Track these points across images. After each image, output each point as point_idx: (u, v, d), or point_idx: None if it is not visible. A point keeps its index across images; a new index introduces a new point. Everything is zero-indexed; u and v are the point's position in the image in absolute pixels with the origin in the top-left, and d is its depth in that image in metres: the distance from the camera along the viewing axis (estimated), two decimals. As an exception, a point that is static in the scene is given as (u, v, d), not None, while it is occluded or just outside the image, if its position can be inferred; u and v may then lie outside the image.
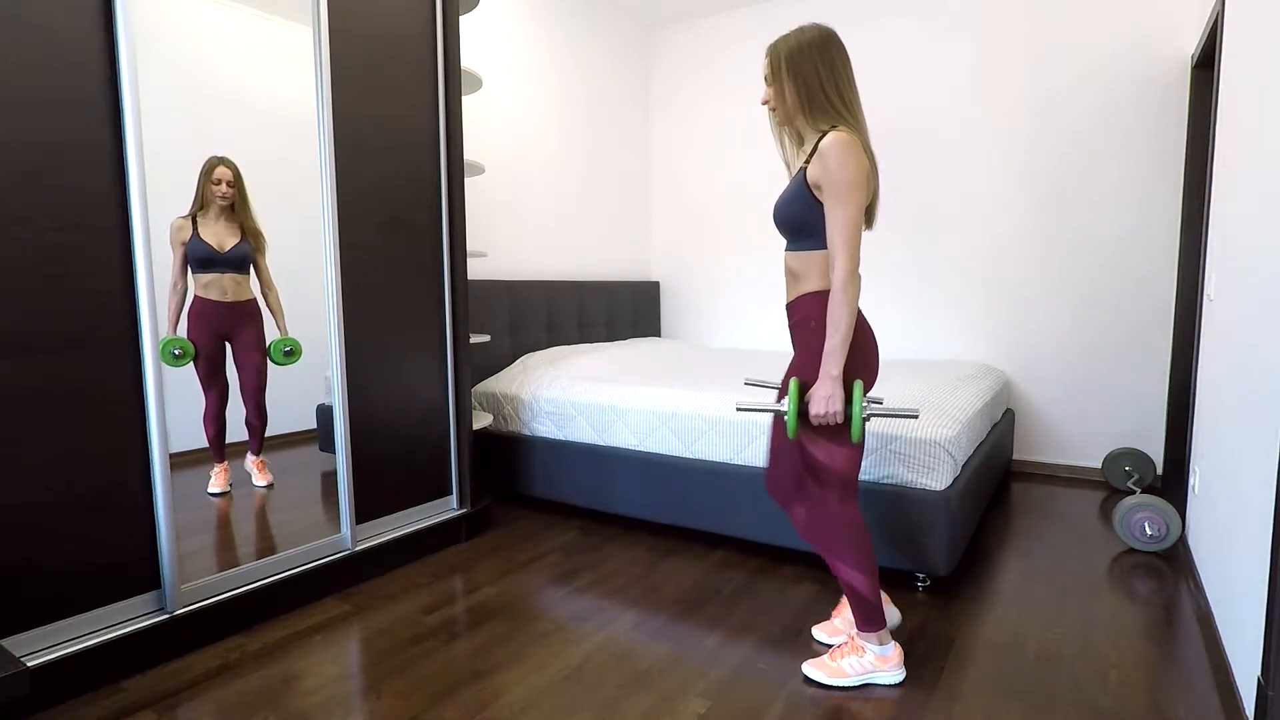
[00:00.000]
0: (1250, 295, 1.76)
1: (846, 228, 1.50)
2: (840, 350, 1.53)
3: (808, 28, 1.59)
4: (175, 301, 1.95)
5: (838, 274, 1.51)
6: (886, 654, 1.72)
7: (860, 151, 1.51)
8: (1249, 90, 1.94)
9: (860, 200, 1.51)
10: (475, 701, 1.66)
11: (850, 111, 1.58)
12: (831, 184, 1.50)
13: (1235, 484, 1.80)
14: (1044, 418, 3.63)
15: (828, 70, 1.57)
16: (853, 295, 1.51)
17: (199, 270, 2.00)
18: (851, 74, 1.60)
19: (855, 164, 1.49)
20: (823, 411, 1.54)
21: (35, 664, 1.59)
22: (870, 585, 1.68)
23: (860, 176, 1.50)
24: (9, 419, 1.57)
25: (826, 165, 1.50)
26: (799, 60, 1.57)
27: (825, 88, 1.56)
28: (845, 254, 1.51)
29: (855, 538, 1.67)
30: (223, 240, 2.03)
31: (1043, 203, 3.52)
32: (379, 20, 2.30)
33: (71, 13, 1.63)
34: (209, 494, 2.06)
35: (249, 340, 2.11)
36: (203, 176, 1.97)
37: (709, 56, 4.45)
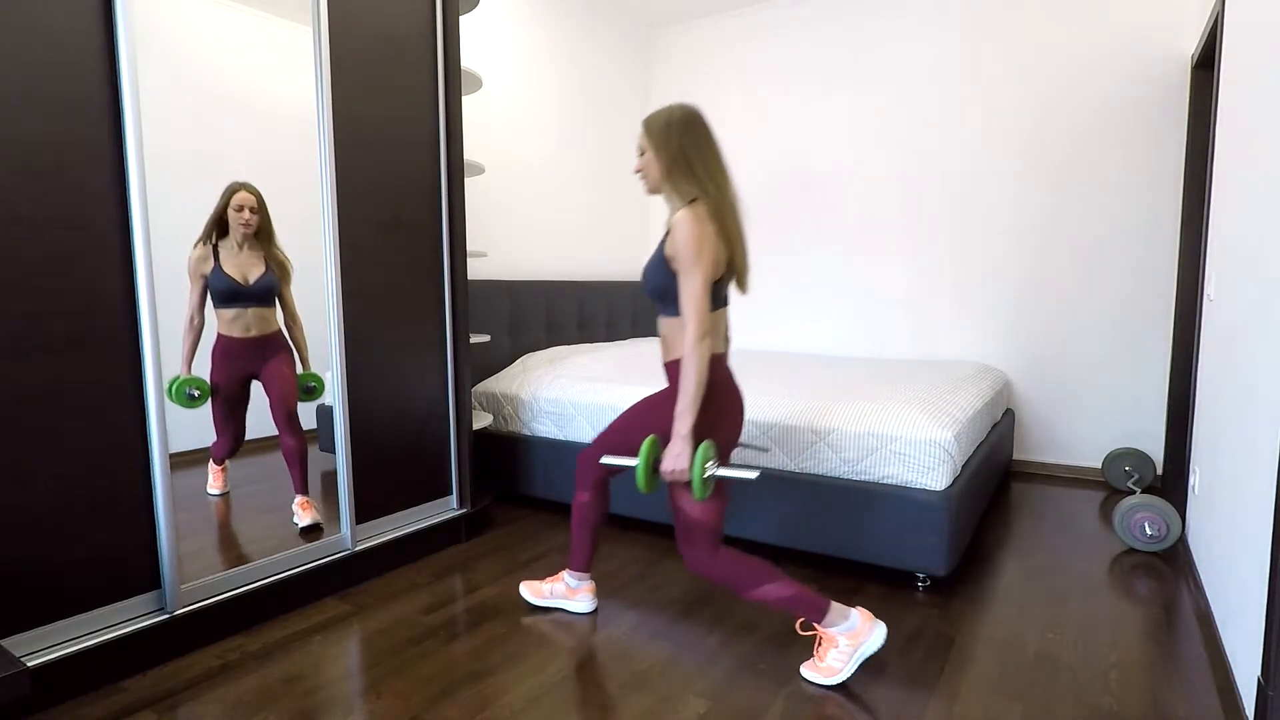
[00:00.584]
0: (1250, 295, 1.76)
1: (693, 298, 1.61)
2: (689, 411, 1.63)
3: (676, 107, 1.72)
4: (192, 339, 1.83)
5: (687, 341, 1.62)
6: (854, 627, 1.72)
7: (707, 225, 1.62)
8: (1249, 90, 1.94)
9: (706, 272, 1.61)
10: (475, 701, 1.66)
11: (714, 183, 1.68)
12: (679, 257, 1.62)
13: (1235, 484, 1.80)
14: (1044, 418, 3.63)
15: (691, 147, 1.68)
16: (700, 360, 1.61)
17: (221, 305, 1.89)
18: (716, 150, 1.71)
19: (698, 238, 1.60)
20: (670, 469, 1.65)
21: (35, 664, 1.59)
22: (781, 588, 1.71)
23: (704, 250, 1.60)
24: (9, 419, 1.57)
25: (674, 240, 1.62)
26: (666, 135, 1.69)
27: (690, 161, 1.68)
28: (692, 322, 1.61)
29: (740, 568, 1.73)
30: (247, 272, 1.92)
31: (1043, 202, 3.52)
32: (379, 20, 2.30)
33: (71, 13, 1.63)
34: (208, 494, 2.06)
35: (277, 364, 2.03)
36: (223, 203, 1.88)
37: (709, 56, 4.45)
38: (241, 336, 1.95)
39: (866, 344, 4.06)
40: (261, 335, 2.01)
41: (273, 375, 2.04)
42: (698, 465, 1.61)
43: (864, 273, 4.03)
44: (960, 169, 3.71)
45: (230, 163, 2.00)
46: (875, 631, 1.73)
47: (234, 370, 1.96)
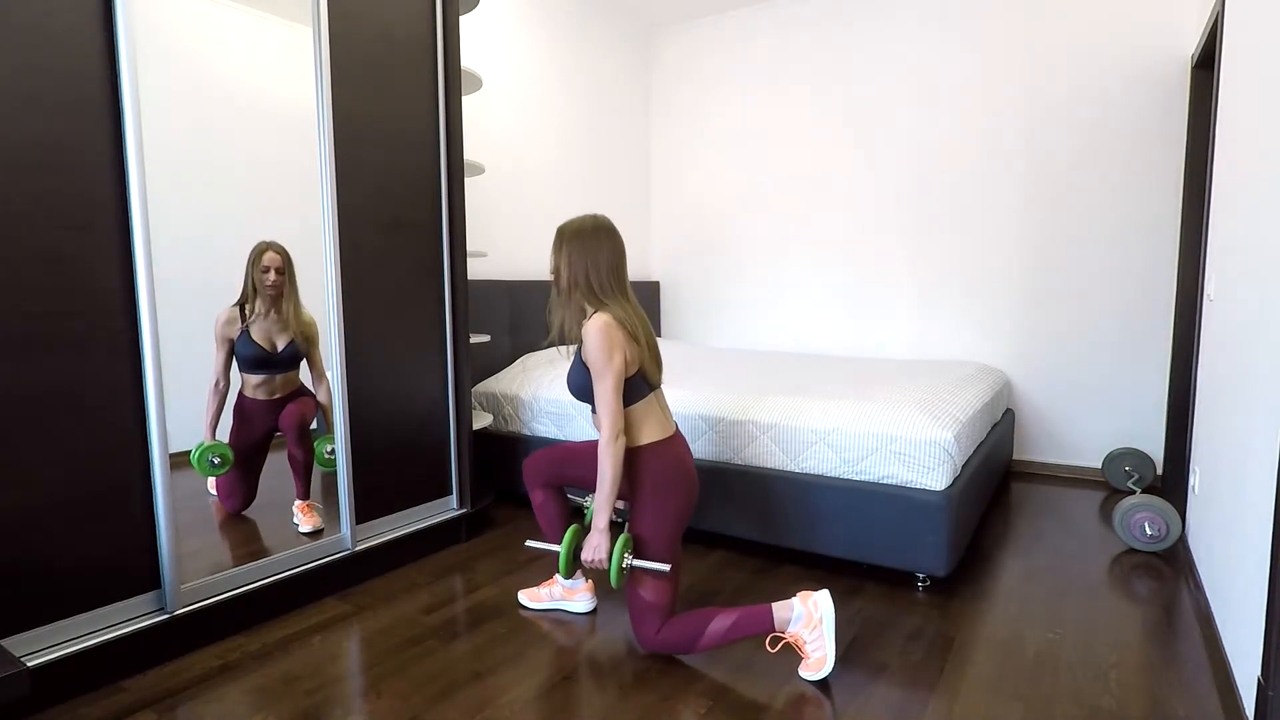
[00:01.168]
0: (1250, 295, 1.76)
1: (606, 399, 1.72)
2: (605, 505, 1.74)
3: (588, 217, 1.85)
4: (216, 404, 1.81)
5: (602, 440, 1.73)
6: (803, 615, 1.73)
7: (614, 332, 1.73)
8: (1249, 90, 1.94)
9: (617, 374, 1.72)
10: (475, 701, 1.66)
11: (611, 294, 1.80)
12: (591, 362, 1.74)
13: (1235, 484, 1.80)
14: (1044, 418, 3.63)
15: (599, 255, 1.80)
16: (613, 458, 1.71)
17: (249, 371, 1.90)
18: (621, 261, 1.84)
19: (607, 344, 1.72)
20: (589, 559, 1.77)
21: (35, 664, 1.59)
22: (721, 620, 1.75)
23: (614, 354, 1.72)
24: (9, 419, 1.57)
25: (586, 347, 1.74)
26: (575, 246, 1.81)
27: (590, 273, 1.79)
28: (607, 422, 1.72)
29: (692, 630, 1.77)
30: (274, 338, 1.91)
31: (1043, 202, 3.52)
32: (379, 20, 2.30)
33: (71, 13, 1.63)
34: (209, 494, 2.06)
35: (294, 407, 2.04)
36: (250, 265, 1.85)
37: (709, 56, 4.45)
38: (266, 399, 1.96)
39: (866, 344, 4.06)
40: (285, 396, 2.05)
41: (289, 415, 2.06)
42: (616, 557, 1.72)
43: (864, 273, 4.03)
44: (960, 169, 3.70)
45: (230, 162, 2.00)
46: (821, 602, 1.74)
47: (255, 430, 1.96)
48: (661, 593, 1.80)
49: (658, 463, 1.80)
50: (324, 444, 2.17)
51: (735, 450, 2.53)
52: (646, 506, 1.80)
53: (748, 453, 2.50)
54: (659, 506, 1.80)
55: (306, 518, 2.18)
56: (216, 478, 1.99)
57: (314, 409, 2.11)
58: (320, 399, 2.08)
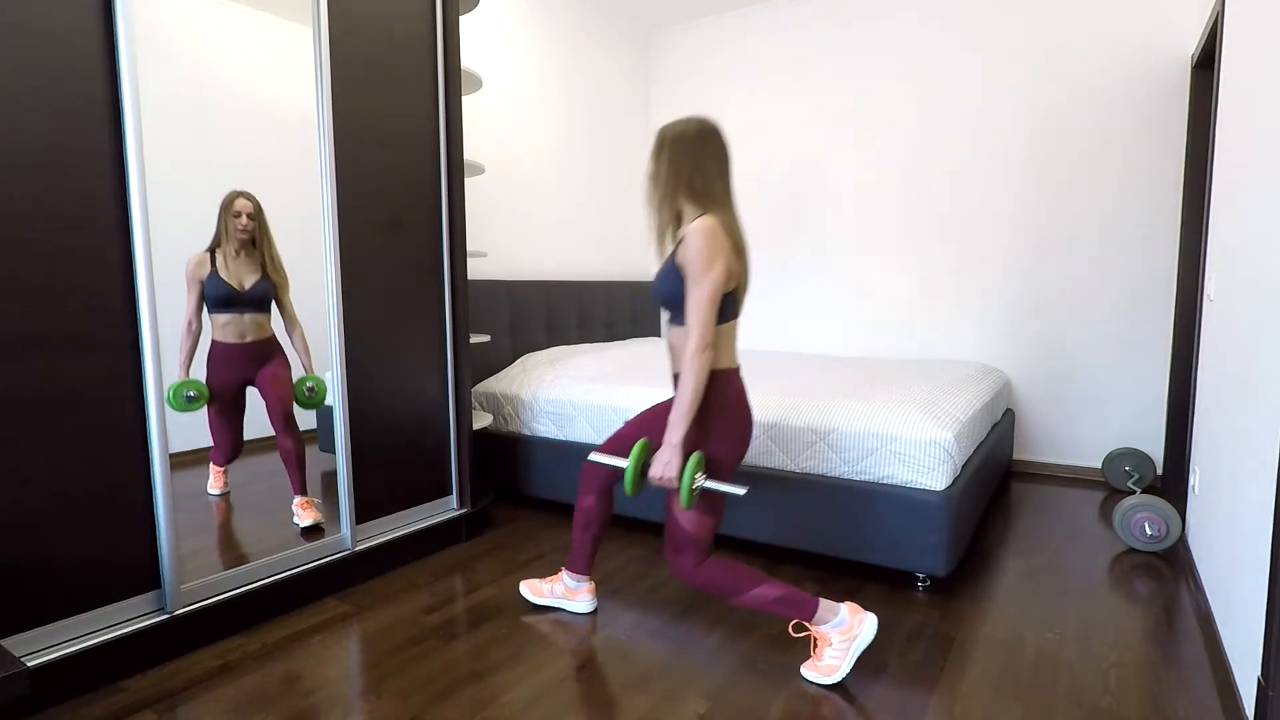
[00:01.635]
0: (1250, 295, 1.76)
1: (700, 308, 1.61)
2: (684, 419, 1.64)
3: (694, 119, 1.72)
4: (189, 343, 1.86)
5: (689, 350, 1.62)
6: (844, 624, 1.73)
7: (722, 238, 1.62)
8: (1249, 90, 1.94)
9: (716, 283, 1.61)
10: (475, 701, 1.66)
11: (718, 200, 1.69)
12: (691, 266, 1.62)
13: (1235, 484, 1.80)
14: (1044, 418, 3.63)
15: (708, 159, 1.69)
16: (700, 370, 1.62)
17: (216, 310, 1.91)
18: (727, 164, 1.73)
19: (712, 248, 1.60)
20: (658, 475, 1.65)
21: (35, 664, 1.59)
22: (768, 588, 1.72)
23: (718, 262, 1.61)
24: (9, 419, 1.57)
25: (688, 248, 1.62)
26: (679, 148, 1.70)
27: (703, 175, 1.69)
28: (697, 333, 1.62)
29: (725, 576, 1.74)
30: (243, 278, 1.94)
31: (1043, 203, 3.52)
32: (379, 20, 2.30)
33: (71, 13, 1.63)
34: (209, 494, 2.06)
35: (271, 372, 2.04)
36: (222, 211, 1.90)
37: (709, 56, 4.45)
38: (236, 342, 1.96)
39: (866, 344, 4.06)
40: (257, 341, 2.01)
41: (268, 378, 2.05)
42: (687, 475, 1.63)
43: (864, 273, 4.03)
44: (960, 169, 3.71)
45: (230, 162, 2.00)
46: (866, 623, 1.73)
47: (230, 376, 1.96)
48: (703, 526, 1.72)
49: (730, 390, 1.71)
50: (303, 382, 2.14)
51: (735, 450, 2.53)
52: (712, 433, 1.70)
53: (748, 452, 2.50)
54: (724, 435, 1.70)
55: (306, 513, 2.18)
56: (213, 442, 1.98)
57: (290, 387, 2.10)
58: (294, 344, 2.08)
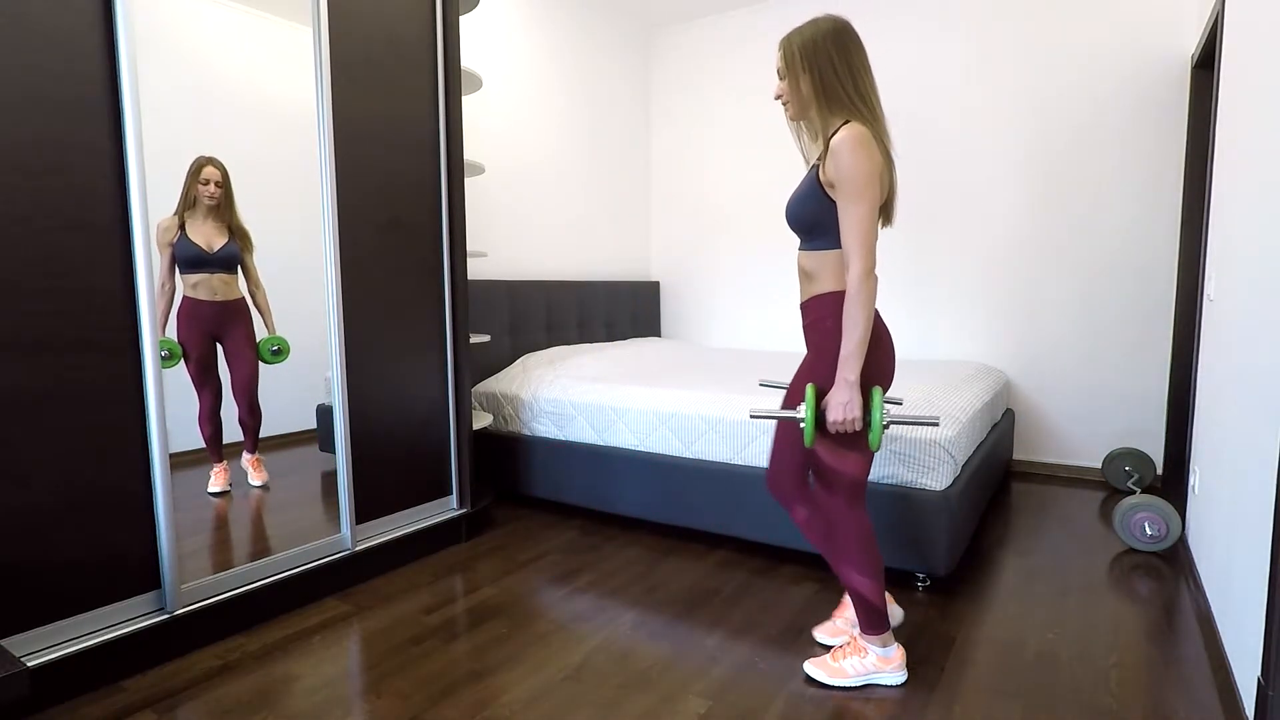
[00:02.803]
0: (1250, 295, 1.76)
1: (861, 227, 1.45)
2: (857, 355, 1.48)
3: (822, 19, 1.54)
4: (164, 303, 1.94)
5: (853, 275, 1.46)
6: (889, 655, 1.71)
7: (873, 147, 1.47)
8: (1249, 90, 1.94)
9: (874, 198, 1.46)
10: (475, 701, 1.66)
11: (866, 105, 1.53)
12: (844, 182, 1.46)
13: (1235, 484, 1.80)
14: (1044, 418, 3.63)
15: (843, 63, 1.52)
16: (868, 297, 1.46)
17: (187, 270, 1.99)
18: (868, 66, 1.55)
19: (868, 161, 1.45)
20: (840, 418, 1.50)
21: (35, 664, 1.59)
22: (875, 589, 1.68)
23: (873, 173, 1.46)
24: (9, 419, 1.57)
25: (839, 163, 1.46)
26: (813, 53, 1.52)
27: (840, 81, 1.51)
28: (860, 254, 1.46)
29: (862, 543, 1.65)
30: (211, 240, 2.02)
31: (1043, 202, 3.52)
32: (379, 20, 2.30)
33: (71, 13, 1.63)
34: (209, 494, 2.06)
35: (239, 338, 2.11)
36: (190, 177, 1.96)
37: (709, 56, 4.45)
38: (206, 299, 2.02)
39: (866, 344, 4.05)
40: (225, 300, 2.07)
41: (236, 354, 2.11)
42: (876, 413, 1.46)
43: (864, 273, 4.02)
44: (960, 168, 3.70)
45: (230, 162, 2.00)
46: (899, 672, 1.72)
47: (200, 331, 2.03)
48: (857, 465, 1.58)
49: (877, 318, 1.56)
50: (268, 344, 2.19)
51: (735, 450, 2.53)
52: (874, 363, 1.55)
53: (748, 452, 2.50)
54: (882, 365, 1.56)
55: (256, 472, 2.20)
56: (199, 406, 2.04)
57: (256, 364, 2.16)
58: (257, 305, 2.14)
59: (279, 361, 2.21)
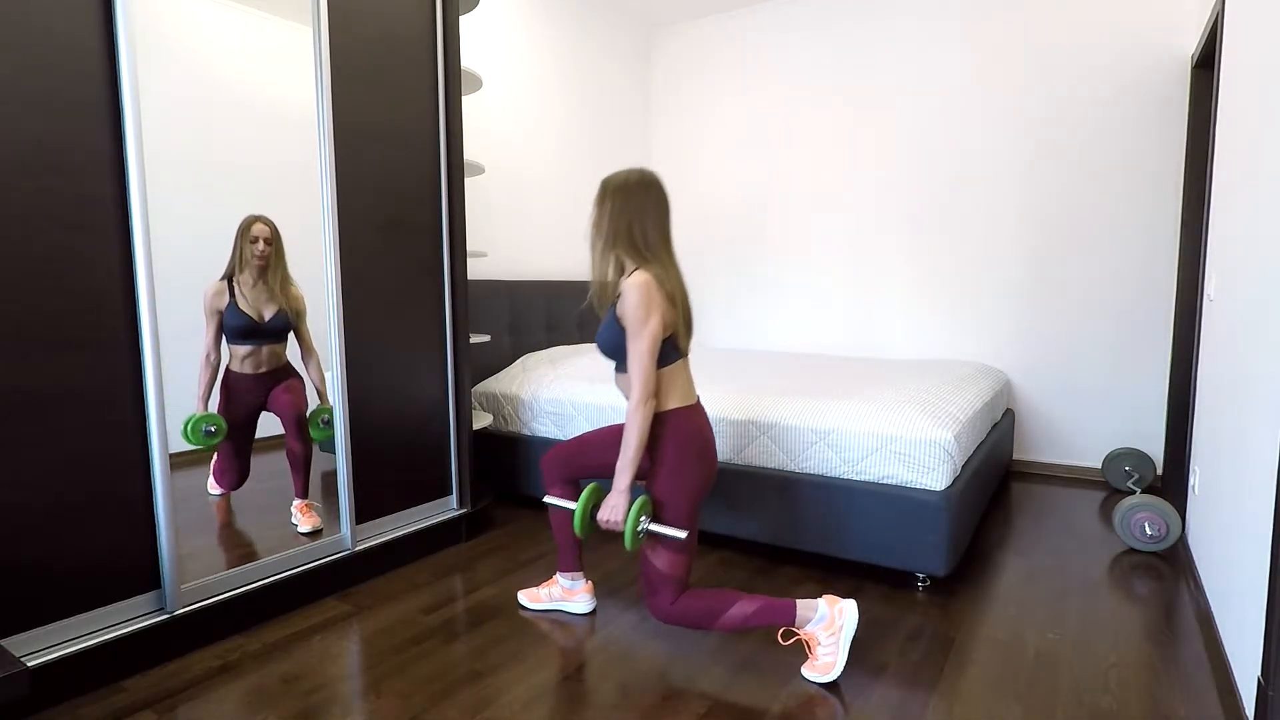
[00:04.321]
0: (1250, 295, 1.76)
1: (640, 361, 1.68)
2: (629, 467, 1.70)
3: (634, 171, 1.78)
4: (208, 375, 1.83)
5: (631, 401, 1.69)
6: (825, 617, 1.73)
7: (654, 289, 1.68)
8: (1249, 90, 1.94)
9: (653, 335, 1.67)
10: (475, 701, 1.66)
11: (655, 253, 1.75)
12: (627, 321, 1.69)
13: (1235, 484, 1.80)
14: (1044, 418, 3.63)
15: (645, 211, 1.75)
16: (643, 420, 1.68)
17: (236, 341, 1.90)
18: (666, 216, 1.79)
19: (646, 303, 1.67)
20: (606, 518, 1.72)
21: (35, 664, 1.59)
22: (745, 605, 1.73)
23: (653, 315, 1.67)
24: (9, 419, 1.57)
25: (624, 304, 1.69)
26: (620, 199, 1.75)
27: (636, 227, 1.74)
28: (638, 384, 1.68)
29: (708, 606, 1.76)
30: (262, 309, 1.92)
31: (1043, 202, 3.52)
32: (379, 20, 2.30)
33: (71, 13, 1.63)
34: (209, 494, 2.06)
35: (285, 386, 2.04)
36: (239, 236, 1.87)
37: (709, 56, 4.45)
38: (253, 373, 1.96)
39: (866, 344, 4.06)
40: (273, 370, 2.02)
41: (282, 392, 2.06)
42: (631, 519, 1.68)
43: (864, 272, 4.03)
44: (960, 168, 3.70)
45: (230, 162, 2.00)
46: (846, 611, 1.74)
47: (243, 406, 1.96)
48: (677, 564, 1.76)
49: (682, 430, 1.75)
50: (320, 413, 2.15)
51: (735, 450, 2.53)
52: (667, 474, 1.74)
53: (748, 453, 2.50)
54: (679, 474, 1.74)
55: (305, 518, 2.18)
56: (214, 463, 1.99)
57: (305, 396, 2.10)
58: (310, 374, 2.07)
59: (328, 435, 2.17)
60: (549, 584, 2.15)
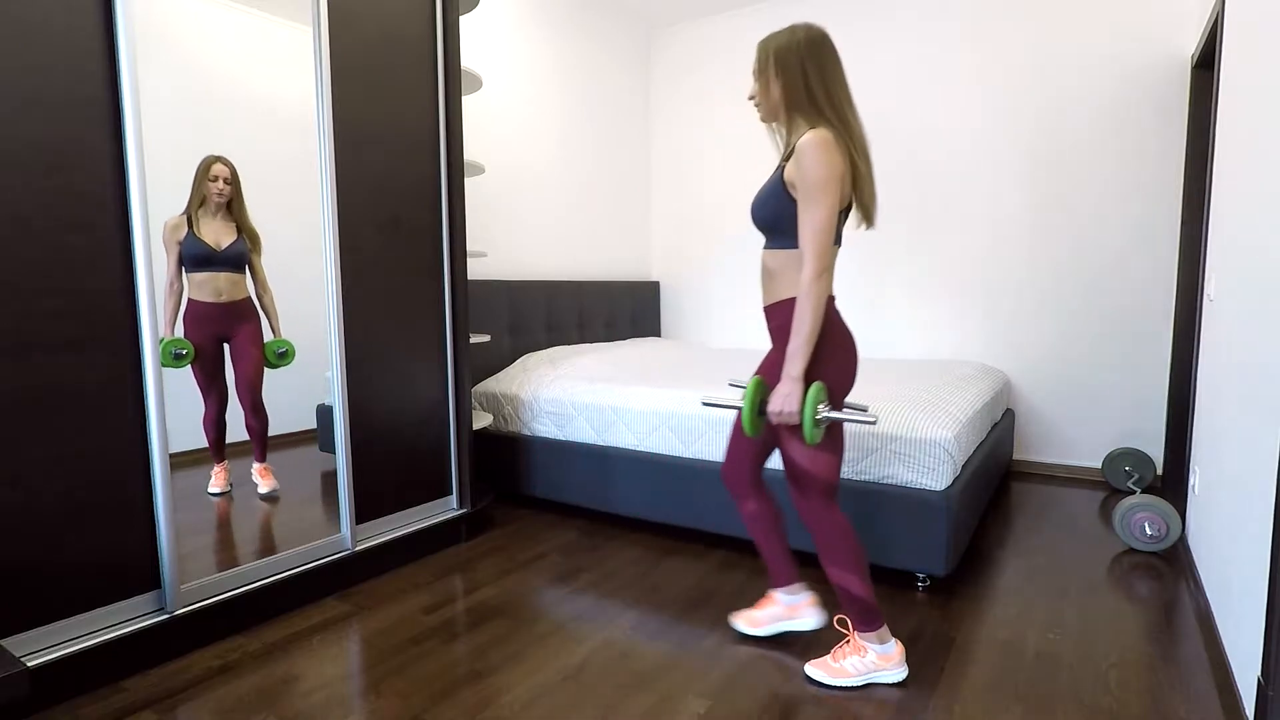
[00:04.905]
0: (1250, 295, 1.76)
1: (816, 229, 1.50)
2: (803, 351, 1.53)
3: (800, 26, 1.59)
4: (172, 303, 1.93)
5: (805, 275, 1.52)
6: (889, 652, 1.72)
7: (836, 152, 1.50)
8: (1249, 90, 1.94)
9: (832, 202, 1.50)
10: (475, 701, 1.66)
11: (836, 113, 1.56)
12: (804, 184, 1.50)
13: (1235, 484, 1.80)
14: (1044, 418, 3.63)
15: (815, 70, 1.56)
16: (818, 297, 1.51)
17: (194, 269, 1.98)
18: (842, 75, 1.59)
19: (828, 165, 1.48)
20: (779, 410, 1.55)
21: (35, 664, 1.59)
22: (863, 585, 1.68)
23: (833, 178, 1.49)
24: (9, 419, 1.57)
25: (801, 165, 1.50)
26: (786, 58, 1.57)
27: (811, 87, 1.56)
28: (813, 256, 1.51)
29: (843, 540, 1.67)
30: (219, 238, 2.01)
31: (1043, 202, 3.52)
32: (379, 20, 2.30)
33: (71, 13, 1.63)
34: (209, 494, 2.06)
35: (245, 338, 2.10)
36: (199, 174, 1.95)
37: (709, 56, 4.45)
38: (213, 301, 2.01)
39: (867, 344, 4.06)
40: (232, 301, 2.06)
41: (241, 352, 2.10)
42: (809, 407, 1.50)
43: (864, 272, 4.03)
44: (960, 169, 3.70)
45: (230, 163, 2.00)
46: (899, 669, 1.72)
47: (206, 333, 2.02)
48: (827, 466, 1.61)
49: (836, 318, 1.62)
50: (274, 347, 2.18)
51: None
52: (825, 360, 1.59)
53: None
54: (835, 362, 1.60)
55: (265, 480, 2.19)
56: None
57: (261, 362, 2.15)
58: (265, 307, 2.12)
59: (285, 365, 2.21)
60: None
